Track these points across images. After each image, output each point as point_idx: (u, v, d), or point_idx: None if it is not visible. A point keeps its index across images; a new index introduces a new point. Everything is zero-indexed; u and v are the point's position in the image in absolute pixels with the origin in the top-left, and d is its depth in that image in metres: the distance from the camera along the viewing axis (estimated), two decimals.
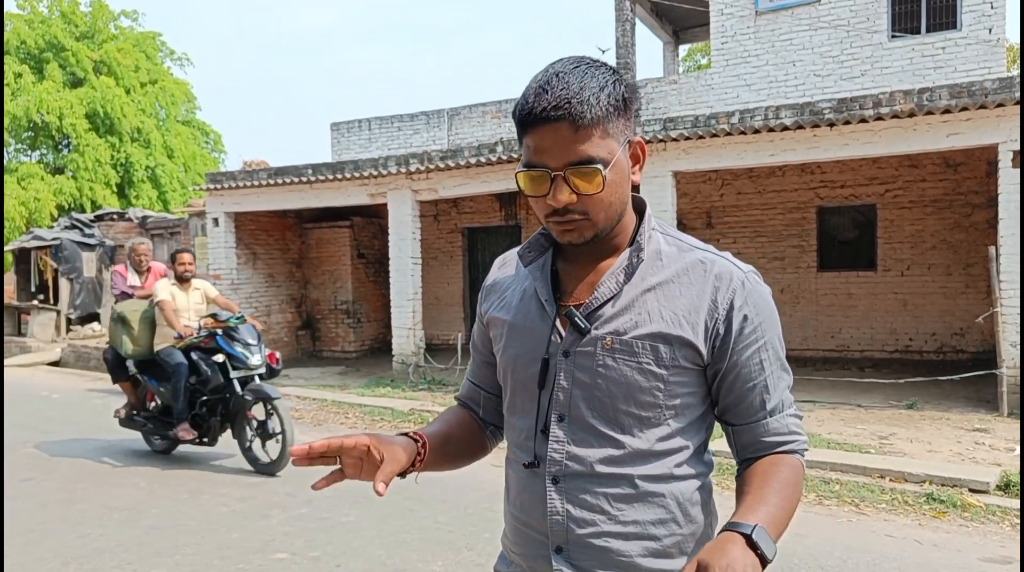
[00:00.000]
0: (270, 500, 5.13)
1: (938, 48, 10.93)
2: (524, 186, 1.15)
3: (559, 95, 1.08)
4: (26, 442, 7.11)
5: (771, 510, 1.11)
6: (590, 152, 1.09)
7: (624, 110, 1.15)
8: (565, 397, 1.19)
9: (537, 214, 1.18)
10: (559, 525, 1.18)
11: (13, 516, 4.86)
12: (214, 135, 28.72)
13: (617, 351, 1.16)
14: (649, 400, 1.16)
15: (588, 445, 1.17)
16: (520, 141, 1.16)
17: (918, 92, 7.35)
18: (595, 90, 1.09)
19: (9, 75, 22.36)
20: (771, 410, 1.21)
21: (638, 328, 1.16)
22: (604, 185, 1.11)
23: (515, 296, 1.28)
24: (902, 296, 11.25)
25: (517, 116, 1.14)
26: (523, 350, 1.24)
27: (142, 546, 4.29)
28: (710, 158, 8.59)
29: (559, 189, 1.11)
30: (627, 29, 13.86)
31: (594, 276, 1.21)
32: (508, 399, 1.29)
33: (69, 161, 22.91)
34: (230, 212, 12.23)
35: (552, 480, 1.18)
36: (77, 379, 11.89)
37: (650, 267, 1.19)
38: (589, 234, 1.15)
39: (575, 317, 1.17)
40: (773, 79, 12.02)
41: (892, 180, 11.24)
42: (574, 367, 1.18)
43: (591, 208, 1.13)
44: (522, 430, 1.24)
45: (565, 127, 1.08)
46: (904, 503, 4.89)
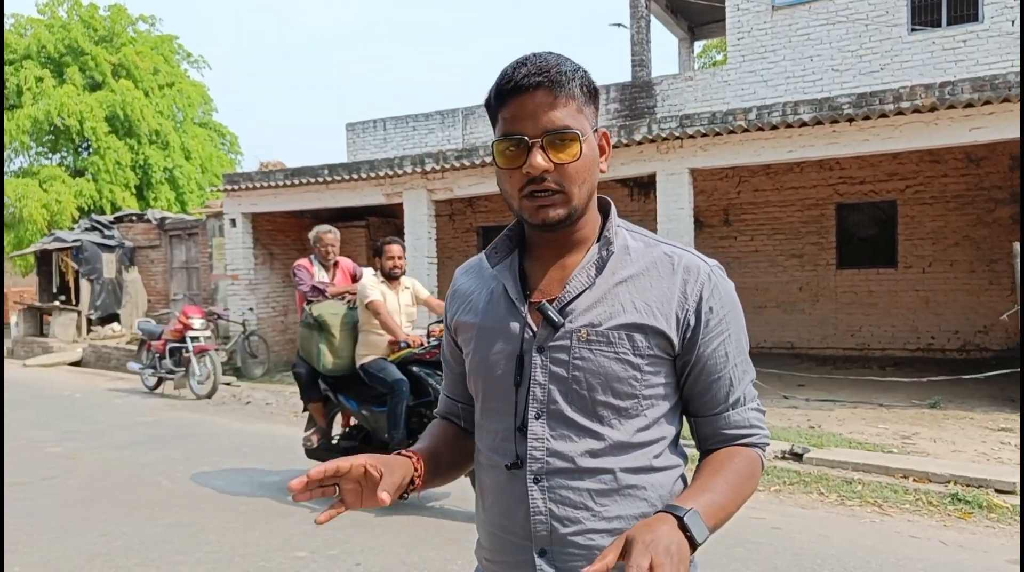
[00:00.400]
0: (289, 499, 5.14)
1: (959, 41, 10.78)
2: (499, 157, 1.15)
3: (538, 65, 1.12)
4: (48, 441, 7.20)
5: (714, 498, 1.10)
6: (567, 121, 1.12)
7: (593, 98, 1.18)
8: (542, 393, 1.18)
9: (510, 194, 1.18)
10: (543, 525, 1.16)
11: (37, 514, 4.92)
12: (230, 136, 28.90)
13: (594, 342, 1.16)
14: (627, 390, 1.16)
15: (568, 440, 1.16)
16: (495, 120, 1.17)
17: (939, 86, 7.25)
18: (570, 69, 1.14)
19: (30, 79, 22.63)
20: (733, 403, 1.22)
21: (613, 319, 1.16)
22: (581, 154, 1.13)
23: (482, 298, 1.28)
24: (924, 293, 11.11)
25: (494, 92, 1.15)
26: (495, 350, 1.22)
27: (163, 544, 4.32)
28: (727, 155, 8.53)
29: (535, 155, 1.11)
30: (642, 26, 13.80)
31: (562, 272, 1.21)
32: (481, 403, 1.27)
33: (89, 163, 23.16)
34: (247, 213, 12.31)
35: (534, 479, 1.17)
36: (98, 379, 12.02)
37: (619, 261, 1.21)
38: (563, 211, 1.15)
39: (548, 311, 1.17)
40: (790, 74, 11.91)
41: (913, 176, 11.11)
42: (549, 362, 1.17)
43: (566, 179, 1.13)
44: (497, 432, 1.22)
45: (543, 94, 1.11)
46: (928, 504, 4.82)
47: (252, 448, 6.84)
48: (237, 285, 12.41)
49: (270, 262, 12.98)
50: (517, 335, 1.20)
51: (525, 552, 1.18)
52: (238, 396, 9.90)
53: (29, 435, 7.51)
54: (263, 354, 12.18)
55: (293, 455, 6.56)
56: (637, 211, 13.10)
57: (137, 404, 9.51)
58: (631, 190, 13.13)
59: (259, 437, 7.33)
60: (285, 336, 13.24)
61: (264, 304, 12.74)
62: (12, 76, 22.93)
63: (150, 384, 10.51)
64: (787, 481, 5.37)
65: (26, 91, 22.63)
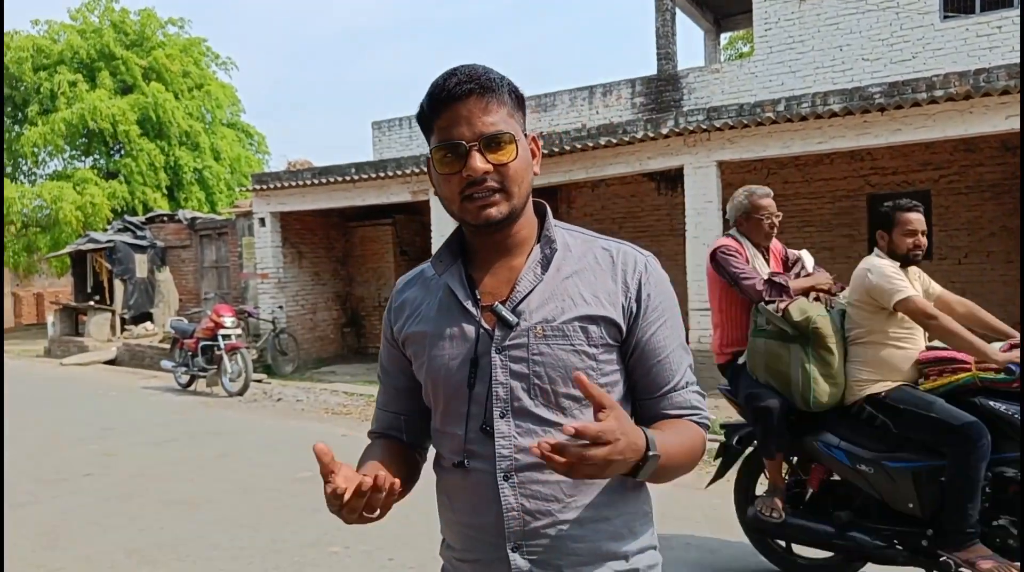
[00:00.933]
0: (322, 495, 5.18)
1: (994, 27, 10.53)
2: (438, 164, 1.19)
3: (468, 74, 1.17)
4: (87, 438, 7.34)
5: (664, 438, 1.13)
6: (500, 125, 1.17)
7: (520, 105, 1.24)
8: (505, 392, 1.20)
9: (450, 198, 1.21)
10: (515, 521, 1.19)
11: (78, 510, 5.03)
12: (258, 137, 29.21)
13: (550, 337, 1.20)
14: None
15: (534, 435, 1.19)
16: (429, 133, 1.21)
17: (974, 73, 7.10)
18: (497, 77, 1.19)
19: (64, 84, 23.10)
20: (675, 385, 1.27)
21: (565, 313, 1.21)
22: (517, 155, 1.18)
23: (431, 308, 1.29)
24: (960, 285, 10.87)
25: (427, 103, 1.19)
26: (452, 356, 1.24)
27: (199, 539, 4.39)
28: (755, 147, 8.43)
29: (474, 158, 1.15)
30: (667, 19, 13.69)
31: (509, 273, 1.25)
32: (440, 410, 1.28)
33: (122, 166, 23.58)
34: (276, 212, 12.43)
35: (504, 477, 1.19)
36: (132, 377, 12.23)
37: (562, 258, 1.26)
38: (505, 209, 1.19)
39: (502, 312, 1.21)
40: (819, 65, 11.72)
41: (947, 165, 10.88)
42: (509, 360, 1.21)
43: (506, 178, 1.18)
44: (460, 436, 1.24)
45: (475, 100, 1.16)
46: None
47: (284, 444, 6.92)
48: (266, 284, 12.56)
49: (298, 261, 13.11)
50: (471, 339, 1.23)
51: (499, 549, 1.21)
52: (269, 393, 10.02)
53: (68, 432, 7.67)
54: (292, 352, 12.31)
55: None
56: (664, 205, 13.00)
57: (170, 401, 9.67)
58: (658, 184, 13.03)
59: (290, 434, 7.41)
60: (314, 333, 13.37)
61: (293, 302, 12.88)
62: (46, 81, 23.42)
63: (183, 382, 10.67)
64: None
65: (60, 96, 23.08)
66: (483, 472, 1.21)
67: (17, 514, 4.97)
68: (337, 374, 11.63)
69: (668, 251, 12.79)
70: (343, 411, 8.71)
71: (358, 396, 9.56)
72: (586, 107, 13.73)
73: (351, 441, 6.94)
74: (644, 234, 13.27)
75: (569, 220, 13.68)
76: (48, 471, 6.11)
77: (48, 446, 7.08)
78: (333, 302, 13.93)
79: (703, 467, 5.63)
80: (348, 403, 9.18)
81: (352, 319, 14.33)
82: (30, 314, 27.73)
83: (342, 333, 14.13)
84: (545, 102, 14.08)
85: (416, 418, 1.38)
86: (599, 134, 9.26)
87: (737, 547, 4.01)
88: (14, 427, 8.03)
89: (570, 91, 13.93)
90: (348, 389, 10.03)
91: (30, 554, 4.23)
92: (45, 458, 6.59)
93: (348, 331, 14.24)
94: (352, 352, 14.11)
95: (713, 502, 4.81)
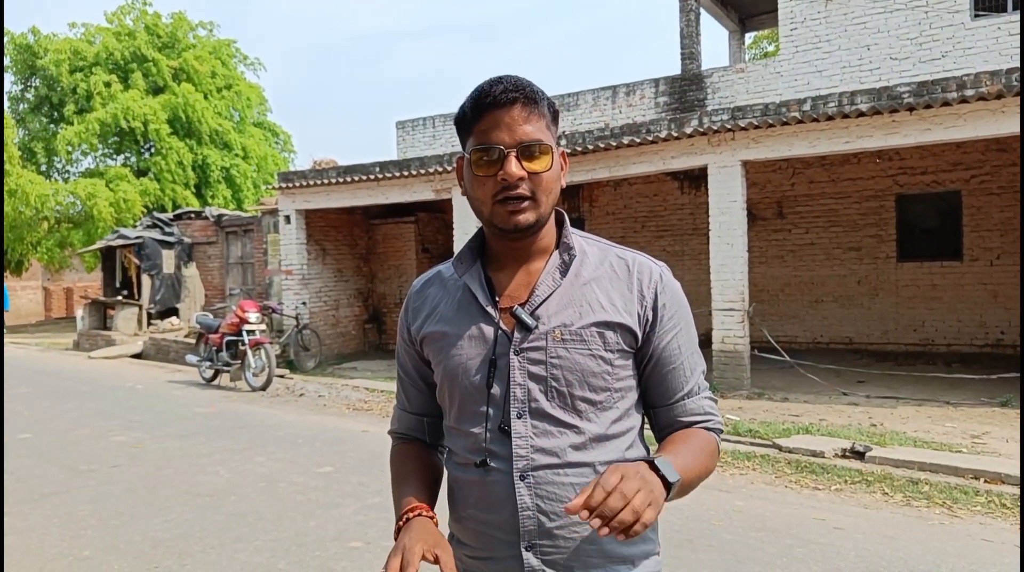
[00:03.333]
0: (343, 490, 5.24)
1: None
2: (475, 166, 1.22)
3: (514, 83, 1.21)
4: (114, 430, 7.47)
5: (679, 460, 1.17)
6: (539, 135, 1.21)
7: (556, 120, 1.28)
8: (523, 393, 1.23)
9: (482, 200, 1.24)
10: (530, 520, 1.21)
11: (105, 500, 5.12)
12: (284, 136, 29.53)
13: (568, 341, 1.24)
14: (601, 384, 1.25)
15: (551, 436, 1.23)
16: (467, 136, 1.24)
17: (1006, 72, 6.96)
18: (540, 91, 1.24)
19: (99, 85, 23.57)
20: (688, 392, 1.31)
21: (583, 318, 1.25)
22: (552, 165, 1.22)
23: (450, 308, 1.32)
24: (992, 287, 10.70)
25: (469, 105, 1.22)
26: (470, 356, 1.27)
27: (224, 531, 4.44)
28: (781, 146, 8.34)
29: (511, 163, 1.19)
30: (691, 19, 13.60)
31: (528, 278, 1.29)
32: (456, 408, 1.30)
33: (152, 164, 23.98)
34: (301, 209, 12.54)
35: (520, 476, 1.22)
36: (158, 371, 12.41)
37: (580, 264, 1.30)
38: (532, 217, 1.22)
39: (521, 315, 1.24)
40: (846, 64, 11.57)
41: (978, 165, 10.70)
42: (527, 362, 1.24)
43: (538, 188, 1.21)
44: (477, 436, 1.26)
45: (518, 109, 1.20)
46: (1002, 506, 4.63)
47: (306, 439, 6.98)
48: (291, 280, 12.68)
49: (322, 257, 13.21)
50: (490, 340, 1.25)
51: (512, 547, 1.24)
52: (292, 388, 10.12)
53: (97, 424, 7.80)
54: (315, 347, 12.41)
55: (346, 446, 6.68)
56: (688, 204, 12.92)
57: (195, 395, 9.79)
58: (681, 183, 12.95)
59: (313, 429, 7.48)
60: (336, 330, 13.47)
61: (316, 298, 12.99)
62: (82, 82, 23.94)
63: (207, 376, 10.81)
64: (848, 480, 5.23)
65: (95, 96, 23.54)
66: (500, 471, 1.23)
67: (48, 502, 5.07)
68: (358, 370, 11.70)
69: (691, 250, 12.72)
70: (364, 407, 8.77)
71: (379, 392, 9.62)
72: (609, 106, 13.68)
73: (371, 437, 6.99)
74: (667, 233, 13.19)
75: (591, 218, 13.69)
76: (77, 461, 6.23)
77: (77, 437, 7.21)
78: (355, 299, 14.03)
79: (725, 468, 5.60)
80: (369, 399, 9.24)
81: (374, 315, 14.42)
82: (60, 308, 28.27)
83: (364, 329, 14.22)
84: (568, 101, 14.05)
85: (437, 420, 1.41)
86: (622, 133, 9.22)
87: (759, 549, 3.97)
88: (45, 417, 8.19)
89: (593, 91, 13.89)
90: (369, 385, 10.09)
91: (59, 542, 4.32)
92: (74, 448, 6.72)
93: (370, 327, 14.34)
94: (373, 348, 14.20)
95: (736, 504, 4.77)
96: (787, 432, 6.37)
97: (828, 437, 6.15)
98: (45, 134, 24.82)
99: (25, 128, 25.02)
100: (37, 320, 27.08)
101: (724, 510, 4.66)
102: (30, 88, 25.65)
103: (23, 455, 6.44)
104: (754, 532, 4.24)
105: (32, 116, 25.16)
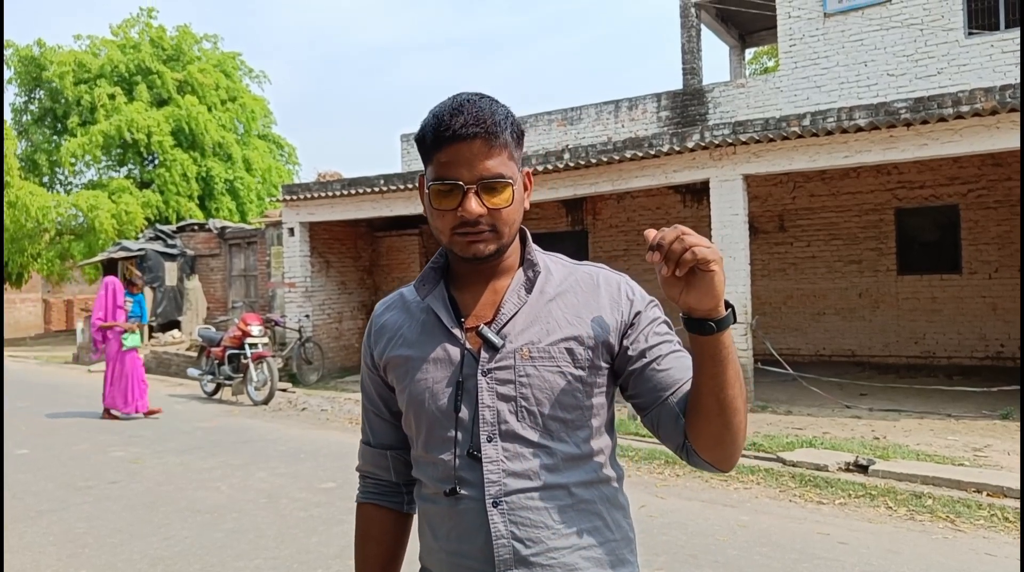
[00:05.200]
0: (346, 506, 5.22)
1: (1018, 44, 10.41)
2: (434, 197, 1.20)
3: (475, 115, 1.16)
4: (113, 445, 7.45)
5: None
6: (500, 169, 1.17)
7: (520, 141, 1.25)
8: (492, 415, 1.19)
9: (439, 230, 1.22)
10: (505, 548, 1.16)
11: (103, 517, 5.10)
12: (288, 148, 29.64)
13: (536, 359, 1.20)
14: (572, 402, 1.21)
15: (523, 458, 1.18)
16: (427, 160, 1.22)
17: (1000, 89, 7.02)
18: (503, 117, 1.19)
19: (103, 97, 23.68)
20: (688, 378, 1.22)
21: (551, 335, 1.22)
22: (513, 199, 1.19)
23: (413, 331, 1.29)
24: (991, 300, 10.71)
25: (430, 134, 1.19)
26: (436, 379, 1.23)
27: (224, 549, 4.43)
28: (781, 161, 8.38)
29: (470, 201, 1.16)
30: (693, 35, 13.69)
31: (493, 296, 1.26)
32: (423, 436, 1.25)
33: (156, 176, 24.06)
34: (305, 222, 12.57)
35: (493, 503, 1.17)
36: (159, 384, 12.38)
37: (545, 281, 1.27)
38: (493, 247, 1.20)
39: (488, 334, 1.21)
40: (844, 80, 11.67)
41: (975, 180, 10.74)
42: (495, 383, 1.20)
43: (498, 221, 1.19)
44: (447, 463, 1.21)
45: (479, 144, 1.16)
46: (1004, 519, 4.62)
47: (308, 454, 6.96)
48: (294, 293, 12.69)
49: (326, 270, 13.23)
50: (457, 360, 1.22)
51: None
52: (294, 402, 10.10)
53: (95, 439, 7.79)
54: (318, 360, 12.40)
55: (349, 461, 6.66)
56: (690, 218, 12.94)
57: (196, 410, 9.78)
58: (683, 197, 12.98)
59: (315, 444, 7.46)
60: (339, 342, 13.47)
61: (320, 311, 12.99)
62: (86, 94, 24.04)
63: (209, 390, 10.79)
64: (852, 494, 5.22)
65: (100, 108, 23.64)
66: (471, 499, 1.19)
67: (44, 520, 5.05)
68: None
69: None
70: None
71: None
72: (612, 120, 13.74)
73: None
74: None
75: (595, 231, 13.72)
76: (75, 477, 6.21)
77: (75, 452, 7.19)
78: (359, 311, 14.03)
79: (730, 483, 5.58)
80: None
81: None
82: (59, 321, 28.27)
83: None
84: (572, 115, 14.11)
85: (402, 454, 1.36)
86: (625, 147, 9.26)
87: (765, 564, 3.96)
88: (42, 433, 8.17)
89: (596, 105, 13.95)
90: None
91: (55, 561, 4.29)
92: (72, 464, 6.70)
93: None
94: None
95: (741, 519, 4.76)
96: (791, 445, 6.36)
97: (832, 450, 6.14)
98: (48, 146, 24.93)
99: (28, 139, 25.14)
100: (36, 333, 27.08)
101: (729, 525, 4.64)
102: (34, 100, 25.78)
103: (20, 471, 6.42)
104: (759, 547, 4.23)
105: (35, 128, 25.28)
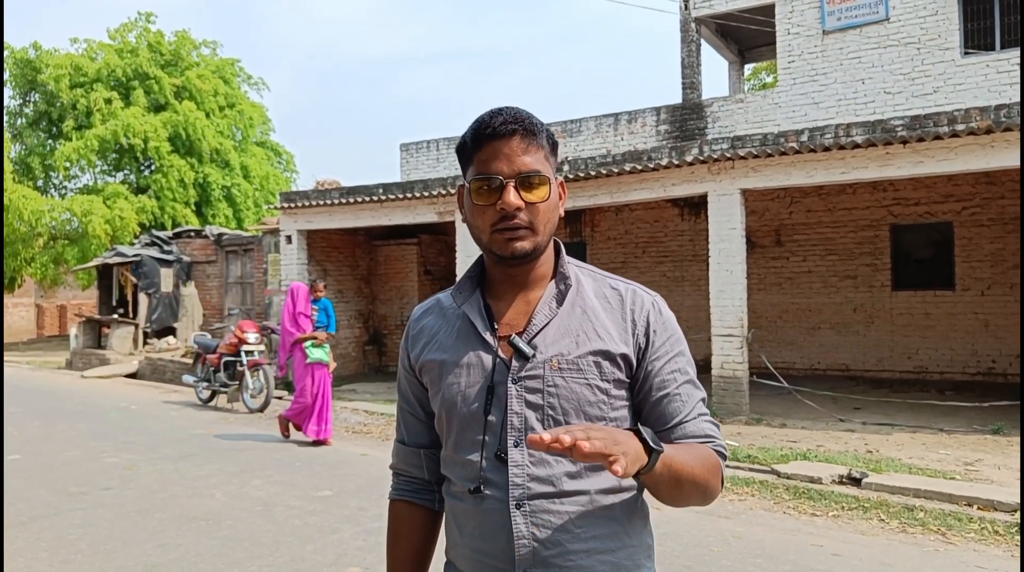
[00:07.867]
0: (342, 514, 5.21)
1: (1014, 64, 10.56)
2: (474, 194, 1.26)
3: (513, 115, 1.25)
4: (107, 451, 7.42)
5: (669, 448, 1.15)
6: (538, 166, 1.24)
7: (555, 151, 1.31)
8: (519, 421, 1.24)
9: (481, 229, 1.27)
10: (526, 549, 1.21)
11: (97, 524, 5.08)
12: (286, 156, 29.63)
13: (565, 370, 1.25)
14: (596, 413, 1.25)
15: (547, 465, 1.23)
16: (467, 165, 1.28)
17: (995, 108, 7.11)
18: (539, 123, 1.27)
19: (100, 101, 23.64)
20: (686, 416, 1.29)
21: (580, 348, 1.26)
22: (549, 196, 1.25)
23: (448, 336, 1.34)
24: (983, 316, 10.78)
25: (470, 136, 1.26)
26: (468, 384, 1.28)
27: (219, 556, 4.41)
28: (779, 176, 8.44)
29: (509, 193, 1.22)
30: (692, 50, 13.79)
31: (525, 306, 1.31)
32: (454, 437, 1.30)
33: (152, 181, 24.00)
34: (302, 230, 12.59)
35: (516, 505, 1.22)
36: (153, 391, 12.36)
37: (576, 294, 1.31)
38: (530, 245, 1.25)
39: (519, 343, 1.25)
40: (842, 97, 11.79)
41: (969, 197, 10.84)
42: (524, 391, 1.25)
43: (535, 218, 1.24)
44: (474, 464, 1.26)
45: (517, 141, 1.24)
46: (995, 533, 4.66)
47: (303, 462, 6.95)
48: None
49: (323, 278, 13.21)
50: (489, 367, 1.27)
51: None
52: None
53: (88, 445, 7.76)
54: None
55: (343, 470, 6.65)
56: (688, 231, 13.01)
57: (191, 417, 9.75)
58: (681, 210, 13.05)
59: (311, 452, 7.45)
60: (336, 351, 13.38)
61: None
62: (82, 98, 23.98)
63: (204, 397, 10.76)
64: (845, 506, 5.25)
65: (95, 112, 23.59)
66: (496, 499, 1.24)
67: (36, 526, 5.03)
68: (358, 393, 11.67)
69: (691, 276, 12.79)
70: (363, 430, 8.74)
71: (379, 415, 9.59)
72: (611, 134, 13.81)
73: (371, 461, 6.96)
74: (667, 259, 13.26)
75: (593, 243, 13.76)
76: (68, 483, 6.17)
77: (68, 458, 7.16)
78: (356, 320, 14.03)
79: (725, 494, 5.60)
80: (369, 422, 9.21)
81: (374, 337, 14.40)
82: (52, 326, 28.13)
83: (364, 351, 14.20)
84: (571, 128, 14.18)
85: (435, 453, 1.41)
86: (624, 160, 9.32)
87: None
88: (35, 438, 8.13)
89: (595, 118, 14.03)
90: (369, 408, 10.06)
91: (47, 568, 4.26)
92: (65, 470, 6.67)
93: (370, 349, 14.31)
94: (374, 370, 14.17)
95: (736, 530, 4.77)
96: (785, 458, 6.39)
97: (825, 463, 6.17)
98: (43, 149, 24.85)
99: (23, 143, 25.05)
100: (29, 338, 26.95)
101: (724, 536, 4.65)
102: (29, 103, 25.70)
103: (12, 477, 6.37)
104: (753, 558, 4.24)
105: (30, 131, 25.18)
